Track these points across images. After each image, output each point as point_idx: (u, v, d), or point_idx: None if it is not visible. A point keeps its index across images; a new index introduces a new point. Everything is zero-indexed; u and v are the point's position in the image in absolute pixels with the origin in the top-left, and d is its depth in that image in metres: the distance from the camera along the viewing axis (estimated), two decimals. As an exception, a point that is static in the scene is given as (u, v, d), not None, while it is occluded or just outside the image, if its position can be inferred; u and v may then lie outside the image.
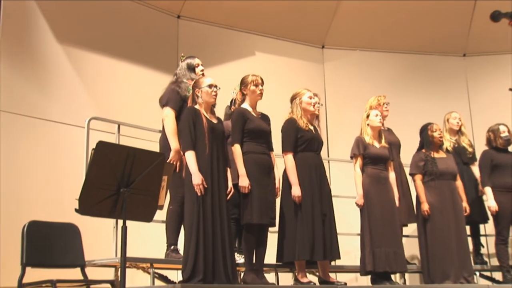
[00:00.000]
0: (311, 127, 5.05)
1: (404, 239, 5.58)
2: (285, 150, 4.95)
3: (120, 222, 3.21)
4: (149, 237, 5.17)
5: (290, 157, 4.92)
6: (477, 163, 6.27)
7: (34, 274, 3.67)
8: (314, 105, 5.07)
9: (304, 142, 4.95)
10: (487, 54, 8.23)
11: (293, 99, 5.11)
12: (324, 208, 4.88)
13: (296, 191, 4.81)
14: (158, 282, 4.52)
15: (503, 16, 3.11)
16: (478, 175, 6.18)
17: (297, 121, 4.98)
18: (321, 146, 5.11)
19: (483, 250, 6.41)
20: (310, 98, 5.07)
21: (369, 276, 5.34)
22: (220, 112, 5.19)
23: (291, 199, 4.83)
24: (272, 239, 4.95)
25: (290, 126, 4.98)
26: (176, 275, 4.72)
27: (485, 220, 6.19)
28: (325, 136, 7.33)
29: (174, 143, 4.62)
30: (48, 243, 3.95)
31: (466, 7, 7.86)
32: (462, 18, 7.97)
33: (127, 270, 3.79)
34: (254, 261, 4.65)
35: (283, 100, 5.22)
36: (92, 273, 4.16)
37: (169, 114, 4.74)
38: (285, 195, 4.90)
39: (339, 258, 4.99)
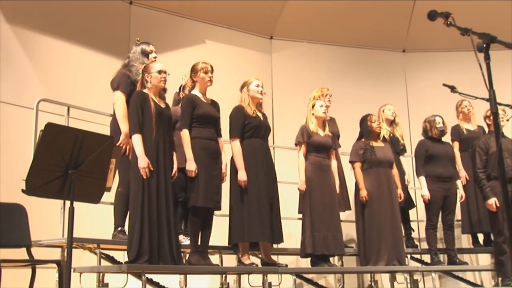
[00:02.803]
0: (259, 114, 5.17)
1: (342, 224, 5.76)
2: (232, 136, 5.06)
3: (68, 203, 3.20)
4: (96, 219, 5.18)
5: (237, 143, 5.04)
6: (406, 154, 6.57)
7: (-21, 254, 3.62)
8: (261, 93, 5.21)
9: (251, 128, 5.07)
10: (425, 50, 8.53)
11: (242, 87, 5.21)
12: (270, 192, 5.03)
13: (242, 175, 4.93)
14: (104, 263, 4.56)
15: (438, 16, 3.23)
16: (405, 166, 6.47)
17: (245, 108, 5.09)
18: (268, 133, 5.24)
19: (414, 235, 6.68)
20: (258, 86, 5.18)
21: (309, 259, 5.54)
22: (169, 98, 5.28)
23: (238, 184, 4.95)
24: (218, 222, 5.08)
25: (237, 113, 5.09)
26: (122, 256, 4.74)
27: (410, 206, 6.47)
28: (271, 123, 7.40)
29: (124, 127, 4.63)
30: (-7, 223, 3.88)
31: (406, 6, 8.10)
32: (402, 16, 8.22)
33: (74, 250, 3.85)
34: (199, 243, 4.75)
35: (232, 87, 5.31)
36: (39, 254, 4.16)
37: (119, 97, 4.75)
38: (233, 180, 5.01)
39: (282, 241, 5.15)
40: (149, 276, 4.41)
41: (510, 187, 5.52)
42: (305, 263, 5.77)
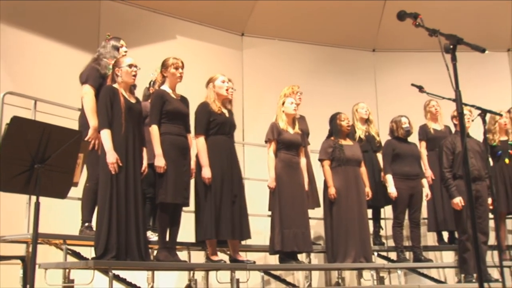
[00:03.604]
0: (225, 111, 5.17)
1: (310, 221, 5.81)
2: (197, 132, 5.06)
3: (34, 198, 3.18)
4: (63, 214, 5.13)
5: (201, 139, 5.03)
6: (382, 151, 6.65)
7: None
8: (227, 90, 5.19)
9: (216, 125, 5.07)
10: (394, 50, 8.64)
11: (208, 83, 5.21)
12: (234, 189, 5.04)
13: (206, 172, 4.94)
14: (70, 259, 4.51)
15: (407, 16, 3.28)
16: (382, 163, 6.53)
17: (210, 105, 5.08)
18: (233, 129, 5.24)
19: (382, 232, 6.75)
20: (223, 82, 5.18)
21: (277, 255, 5.56)
22: (139, 93, 5.24)
23: (202, 180, 4.95)
24: (186, 218, 5.07)
25: (202, 110, 5.09)
26: (89, 252, 4.68)
27: (387, 203, 6.51)
28: (241, 121, 7.45)
29: (93, 121, 4.59)
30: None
31: (377, 6, 8.19)
32: (373, 16, 8.30)
33: (39, 246, 3.81)
34: (167, 239, 4.74)
35: (202, 84, 5.30)
36: (3, 250, 4.11)
37: (88, 91, 4.70)
38: (198, 177, 5.01)
39: (250, 237, 5.17)
40: (116, 272, 4.36)
41: (475, 186, 5.68)
42: (273, 260, 5.79)
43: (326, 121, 6.21)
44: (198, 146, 5.04)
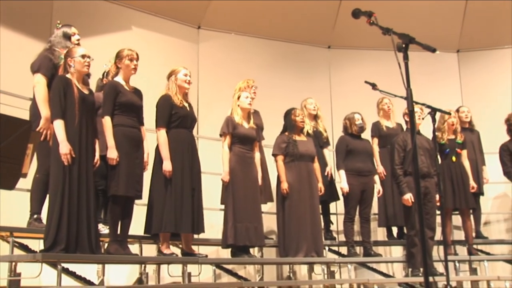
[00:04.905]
0: (186, 104, 5.16)
1: (263, 215, 5.82)
2: (158, 125, 5.04)
3: None
4: (10, 206, 5.01)
5: (163, 132, 5.02)
6: (330, 147, 6.73)
7: None
8: (189, 83, 5.19)
9: (178, 118, 5.06)
10: (349, 48, 8.72)
11: (169, 76, 5.18)
12: (193, 183, 5.04)
13: (167, 165, 4.93)
14: (18, 251, 4.42)
15: (362, 14, 3.34)
16: (328, 159, 6.61)
17: (172, 98, 5.07)
18: (194, 123, 5.25)
19: (333, 227, 6.85)
20: (185, 75, 5.17)
21: (229, 249, 5.59)
22: (93, 84, 5.15)
23: (162, 173, 4.93)
24: (138, 211, 5.03)
25: (164, 102, 5.07)
26: (38, 245, 4.59)
27: (334, 199, 6.62)
28: (196, 114, 7.37)
29: (44, 111, 4.51)
30: None
31: (333, 4, 8.26)
32: (329, 13, 8.35)
33: (-15, 238, 3.72)
34: (118, 232, 4.70)
35: (157, 76, 5.26)
36: None
37: (40, 81, 4.62)
38: (157, 169, 5.00)
39: (204, 231, 5.17)
40: (65, 265, 4.28)
41: (423, 183, 5.83)
42: (226, 254, 5.80)
43: (280, 117, 6.24)
44: (159, 139, 5.02)
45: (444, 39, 8.53)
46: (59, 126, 4.26)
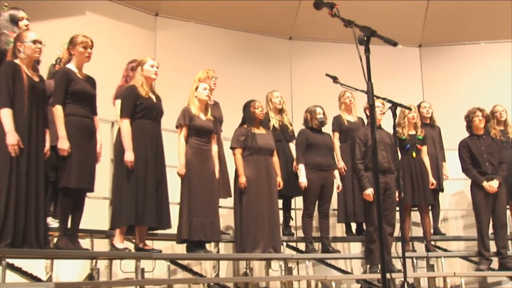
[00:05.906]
0: (152, 96, 5.08)
1: (220, 210, 5.77)
2: (122, 116, 4.96)
3: None
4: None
5: (126, 122, 4.92)
6: (295, 141, 6.66)
7: None
8: (156, 74, 5.10)
9: (143, 109, 4.97)
10: (311, 40, 8.68)
11: (136, 66, 5.12)
12: (158, 176, 4.97)
13: (129, 156, 4.83)
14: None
15: (324, 5, 3.28)
16: (294, 153, 6.52)
17: (138, 88, 4.99)
18: (160, 115, 5.16)
19: (291, 223, 6.78)
20: (152, 66, 5.10)
21: (185, 245, 5.47)
22: (44, 71, 4.95)
23: (125, 165, 4.83)
24: (90, 204, 4.89)
25: (129, 93, 5.00)
26: (-18, 240, 4.44)
27: (299, 193, 6.50)
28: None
29: None
30: None
31: (295, -6, 8.22)
32: (290, 4, 8.27)
33: None
34: (68, 226, 4.57)
35: (112, 64, 5.11)
36: None
37: (-15, 67, 4.43)
38: (119, 161, 4.91)
39: (170, 227, 5.10)
40: (11, 261, 4.15)
41: (384, 178, 5.81)
42: (181, 249, 5.68)
43: (240, 109, 6.15)
44: (122, 129, 4.93)
45: (406, 34, 8.59)
46: (6, 115, 4.11)
